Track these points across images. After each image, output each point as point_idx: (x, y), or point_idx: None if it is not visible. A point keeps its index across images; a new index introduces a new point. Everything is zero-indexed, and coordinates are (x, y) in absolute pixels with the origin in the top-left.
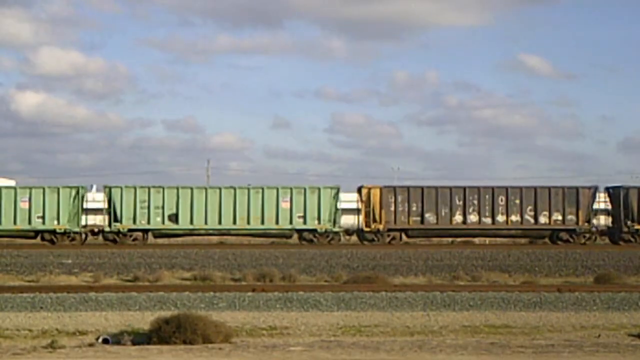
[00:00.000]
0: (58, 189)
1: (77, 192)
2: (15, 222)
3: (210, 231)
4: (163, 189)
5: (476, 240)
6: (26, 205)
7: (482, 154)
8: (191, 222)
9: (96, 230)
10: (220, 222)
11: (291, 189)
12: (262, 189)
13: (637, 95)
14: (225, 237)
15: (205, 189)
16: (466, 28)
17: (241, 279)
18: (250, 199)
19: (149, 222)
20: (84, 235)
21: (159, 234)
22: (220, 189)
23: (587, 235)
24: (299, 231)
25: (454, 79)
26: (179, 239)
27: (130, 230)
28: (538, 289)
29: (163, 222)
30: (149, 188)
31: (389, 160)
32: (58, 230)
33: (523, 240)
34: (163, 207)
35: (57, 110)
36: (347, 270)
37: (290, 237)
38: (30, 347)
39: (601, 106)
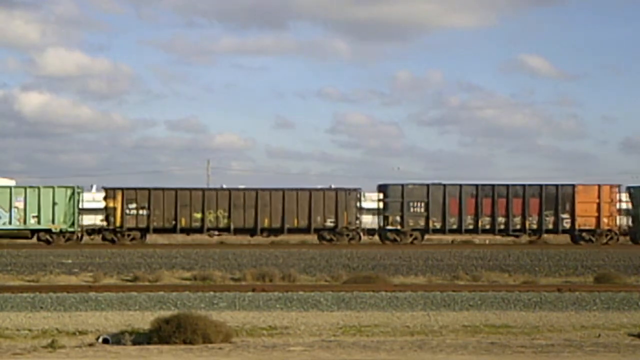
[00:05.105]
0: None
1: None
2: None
3: None
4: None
5: (476, 240)
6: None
7: (483, 154)
8: None
9: None
10: None
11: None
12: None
13: (639, 96)
14: (226, 237)
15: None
16: (469, 29)
17: (241, 278)
18: None
19: None
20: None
21: None
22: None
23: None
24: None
25: (456, 79)
26: (179, 239)
27: None
28: (538, 289)
29: None
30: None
31: (390, 161)
32: None
33: (523, 240)
34: None
35: (61, 111)
36: (347, 270)
37: None
38: (30, 347)
39: (603, 106)
